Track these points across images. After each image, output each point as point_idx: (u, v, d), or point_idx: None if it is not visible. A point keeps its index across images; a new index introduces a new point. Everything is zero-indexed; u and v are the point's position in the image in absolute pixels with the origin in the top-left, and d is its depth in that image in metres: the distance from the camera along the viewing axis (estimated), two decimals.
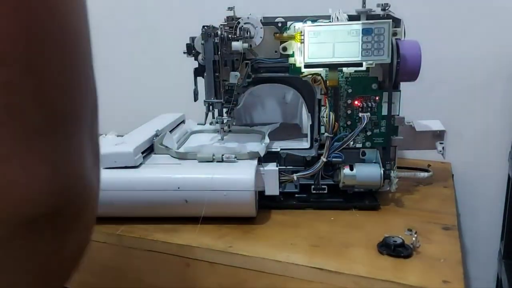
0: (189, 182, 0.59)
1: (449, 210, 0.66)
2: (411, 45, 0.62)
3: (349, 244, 0.56)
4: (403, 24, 0.63)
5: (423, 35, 0.65)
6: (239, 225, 0.61)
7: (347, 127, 0.65)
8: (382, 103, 0.64)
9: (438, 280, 0.48)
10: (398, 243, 0.53)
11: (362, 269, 0.50)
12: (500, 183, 0.89)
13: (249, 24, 0.64)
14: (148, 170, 0.62)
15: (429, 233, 0.58)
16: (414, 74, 0.62)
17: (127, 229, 0.60)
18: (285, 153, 0.67)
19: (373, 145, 0.66)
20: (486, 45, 0.85)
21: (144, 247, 0.59)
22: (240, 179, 0.59)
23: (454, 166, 0.88)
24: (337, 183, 0.66)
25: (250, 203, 0.59)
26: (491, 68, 0.86)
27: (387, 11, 0.62)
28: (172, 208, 0.61)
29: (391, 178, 0.65)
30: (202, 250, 0.56)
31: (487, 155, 0.90)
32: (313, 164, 0.66)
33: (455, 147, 0.86)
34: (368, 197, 0.67)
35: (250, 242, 0.57)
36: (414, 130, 0.73)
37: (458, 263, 0.51)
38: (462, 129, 0.89)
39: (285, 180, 0.65)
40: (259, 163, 0.64)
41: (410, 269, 0.50)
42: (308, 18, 0.63)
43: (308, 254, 0.54)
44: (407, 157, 0.89)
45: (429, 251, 0.53)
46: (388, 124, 0.65)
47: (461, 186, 0.88)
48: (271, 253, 0.54)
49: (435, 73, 0.84)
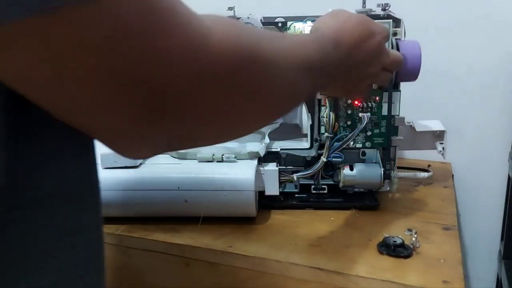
0: (189, 182, 0.59)
1: (449, 210, 0.66)
2: (411, 45, 0.62)
3: (349, 244, 0.56)
4: (403, 24, 0.63)
5: (423, 35, 0.65)
6: (239, 225, 0.61)
7: (347, 127, 0.65)
8: (382, 103, 0.64)
9: (438, 280, 0.48)
10: (398, 243, 0.53)
11: (362, 269, 0.50)
12: (500, 183, 0.89)
13: (249, 24, 0.64)
14: (148, 170, 0.62)
15: (429, 233, 0.58)
16: (414, 74, 0.62)
17: (127, 229, 0.60)
18: (285, 153, 0.67)
19: (373, 145, 0.66)
20: (486, 45, 0.85)
21: (144, 247, 0.59)
22: (240, 179, 0.59)
23: (454, 166, 0.88)
24: (337, 183, 0.66)
25: (250, 203, 0.59)
26: (491, 68, 0.86)
27: (387, 11, 0.62)
28: (172, 208, 0.61)
29: (391, 178, 0.65)
30: (202, 250, 0.56)
31: (487, 155, 0.90)
32: (313, 164, 0.66)
33: (455, 147, 0.86)
34: (368, 197, 0.67)
35: (250, 242, 0.57)
36: (414, 130, 0.73)
37: (458, 263, 0.51)
38: (462, 129, 0.89)
39: (285, 180, 0.65)
40: (259, 163, 0.64)
41: (410, 269, 0.50)
42: (308, 18, 0.63)
43: (308, 254, 0.54)
44: (407, 157, 0.89)
45: (429, 251, 0.53)
46: (388, 124, 0.65)
47: (461, 186, 0.88)
48: (271, 253, 0.54)
49: (435, 73, 0.84)
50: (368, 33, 0.44)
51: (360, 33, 0.43)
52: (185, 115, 0.25)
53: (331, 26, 0.42)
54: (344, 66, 0.42)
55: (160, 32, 0.21)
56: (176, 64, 0.22)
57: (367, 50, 0.44)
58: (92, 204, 0.30)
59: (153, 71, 0.22)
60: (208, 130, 0.28)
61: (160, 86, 0.22)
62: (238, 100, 0.27)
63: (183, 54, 0.23)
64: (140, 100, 0.23)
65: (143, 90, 0.22)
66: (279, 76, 0.30)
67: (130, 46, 0.21)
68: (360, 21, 0.45)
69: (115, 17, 0.20)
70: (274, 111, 0.34)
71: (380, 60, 0.47)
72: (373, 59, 0.46)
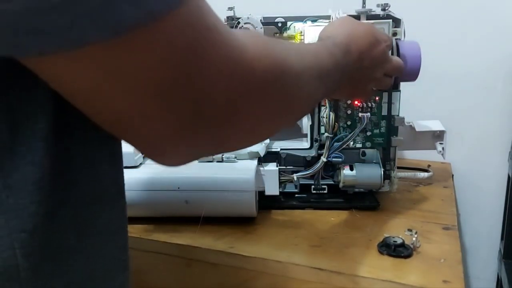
0: (189, 182, 0.59)
1: (449, 210, 0.66)
2: (411, 45, 0.62)
3: (350, 244, 0.56)
4: (403, 24, 0.63)
5: (423, 35, 0.65)
6: (239, 226, 0.61)
7: (347, 127, 0.65)
8: (382, 103, 0.64)
9: (438, 280, 0.48)
10: (398, 243, 0.53)
11: (362, 269, 0.50)
12: (500, 183, 0.89)
13: (249, 24, 0.64)
14: (148, 170, 0.62)
15: (429, 233, 0.58)
16: (414, 74, 0.62)
17: (127, 229, 0.60)
18: (285, 153, 0.67)
19: (373, 145, 0.66)
20: (486, 45, 0.85)
21: (144, 247, 0.59)
22: (240, 179, 0.59)
23: (454, 166, 0.88)
24: (337, 183, 0.66)
25: (250, 203, 0.59)
26: (491, 68, 0.86)
27: (387, 11, 0.62)
28: (172, 208, 0.61)
29: (391, 178, 0.65)
30: (202, 250, 0.56)
31: (487, 155, 0.90)
32: (313, 164, 0.66)
33: (455, 147, 0.86)
34: (368, 197, 0.67)
35: (251, 242, 0.57)
36: (414, 130, 0.73)
37: (458, 263, 0.51)
38: (462, 129, 0.89)
39: (285, 180, 0.65)
40: (259, 163, 0.64)
41: (410, 269, 0.50)
42: (308, 18, 0.63)
43: (308, 254, 0.54)
44: (407, 157, 0.89)
45: (429, 251, 0.53)
46: (388, 124, 0.65)
47: (461, 186, 0.88)
48: (272, 253, 0.54)
49: (435, 73, 0.84)
50: (375, 41, 0.48)
51: (368, 41, 0.47)
52: (224, 124, 0.27)
53: (341, 34, 0.45)
54: (352, 72, 0.45)
55: (207, 49, 0.24)
56: (218, 77, 0.25)
57: (374, 57, 0.47)
58: (120, 206, 0.32)
59: (200, 83, 0.24)
60: (242, 135, 0.31)
61: (205, 97, 0.25)
62: (269, 108, 0.31)
63: (224, 68, 0.25)
64: (187, 111, 0.25)
65: (190, 102, 0.24)
66: (302, 86, 0.34)
67: (182, 63, 0.23)
68: (368, 30, 0.48)
69: (172, 39, 0.22)
70: (296, 116, 0.38)
71: (384, 66, 0.51)
72: (377, 66, 0.49)
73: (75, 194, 0.28)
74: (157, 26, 0.22)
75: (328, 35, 0.46)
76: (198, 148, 0.29)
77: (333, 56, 0.40)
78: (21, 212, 0.24)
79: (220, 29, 0.25)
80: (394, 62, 0.53)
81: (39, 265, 0.26)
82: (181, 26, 0.23)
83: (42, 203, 0.25)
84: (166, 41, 0.22)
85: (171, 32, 0.22)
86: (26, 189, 0.24)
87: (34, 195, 0.25)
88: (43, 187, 0.25)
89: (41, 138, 0.25)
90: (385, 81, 0.53)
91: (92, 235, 0.29)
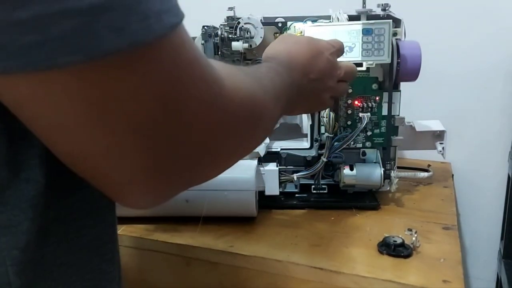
0: None
1: (449, 210, 0.66)
2: (411, 45, 0.62)
3: (349, 244, 0.56)
4: (403, 24, 0.63)
5: (423, 35, 0.65)
6: (239, 225, 0.61)
7: (347, 127, 0.65)
8: (382, 103, 0.64)
9: (438, 280, 0.48)
10: (398, 243, 0.53)
11: (362, 269, 0.50)
12: (500, 183, 0.89)
13: (250, 24, 0.64)
14: None
15: (429, 233, 0.58)
16: (414, 74, 0.62)
17: (127, 229, 0.61)
18: (285, 153, 0.67)
19: (373, 145, 0.66)
20: (486, 45, 0.85)
21: (144, 247, 0.59)
22: (240, 179, 0.59)
23: (454, 166, 0.88)
24: (337, 183, 0.66)
25: (250, 203, 0.59)
26: (491, 68, 0.86)
27: (387, 11, 0.62)
28: (173, 208, 0.61)
29: (391, 178, 0.65)
30: (203, 249, 0.56)
31: (487, 155, 0.90)
32: (313, 164, 0.66)
33: (455, 147, 0.86)
34: (368, 197, 0.67)
35: (251, 242, 0.57)
36: (414, 130, 0.73)
37: (458, 263, 0.51)
38: (462, 129, 0.89)
39: (285, 180, 0.65)
40: (259, 163, 0.64)
41: (410, 269, 0.50)
42: (308, 18, 0.63)
43: (308, 254, 0.54)
44: (407, 157, 0.90)
45: (429, 251, 0.53)
46: (388, 124, 0.65)
47: (461, 186, 0.88)
48: (272, 253, 0.54)
49: (435, 73, 0.84)
50: (316, 53, 0.48)
51: (309, 54, 0.47)
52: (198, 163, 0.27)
53: (281, 53, 0.46)
54: (301, 87, 0.45)
55: (187, 84, 0.24)
56: (197, 111, 0.24)
57: (319, 68, 0.47)
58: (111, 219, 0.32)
59: (177, 119, 0.23)
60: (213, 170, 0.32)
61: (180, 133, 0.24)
62: (242, 139, 0.32)
63: (204, 103, 0.25)
64: (161, 149, 0.24)
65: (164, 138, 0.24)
66: (266, 112, 0.34)
67: (161, 96, 0.22)
68: (307, 43, 0.48)
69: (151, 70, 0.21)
70: (261, 141, 0.38)
71: (333, 73, 0.50)
72: (326, 75, 0.49)
73: (67, 210, 0.27)
74: (136, 54, 0.20)
75: (271, 56, 0.46)
76: (168, 190, 0.28)
77: (281, 76, 0.40)
78: (14, 229, 0.24)
79: (202, 62, 0.25)
80: (344, 67, 0.52)
81: (31, 282, 0.25)
82: (162, 57, 0.22)
83: (35, 220, 0.25)
84: (145, 71, 0.21)
85: (151, 63, 0.21)
86: (19, 206, 0.24)
87: (28, 212, 0.24)
88: (37, 204, 0.25)
89: (36, 155, 0.24)
90: (340, 88, 0.52)
91: (82, 248, 0.29)
